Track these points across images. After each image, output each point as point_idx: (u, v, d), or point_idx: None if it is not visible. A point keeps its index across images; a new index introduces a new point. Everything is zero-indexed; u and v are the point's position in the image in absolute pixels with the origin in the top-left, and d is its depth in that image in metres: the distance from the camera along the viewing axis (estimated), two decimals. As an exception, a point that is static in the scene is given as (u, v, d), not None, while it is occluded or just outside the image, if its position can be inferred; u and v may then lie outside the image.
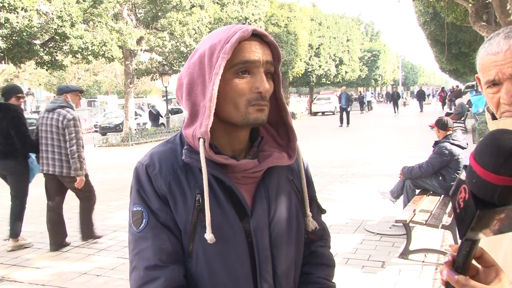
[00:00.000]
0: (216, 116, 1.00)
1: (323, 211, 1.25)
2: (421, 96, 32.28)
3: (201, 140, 0.97)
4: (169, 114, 20.85)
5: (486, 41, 1.03)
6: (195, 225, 1.00)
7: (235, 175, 1.03)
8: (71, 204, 7.29)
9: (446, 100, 32.91)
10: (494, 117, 1.06)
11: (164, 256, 1.00)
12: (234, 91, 0.98)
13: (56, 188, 4.93)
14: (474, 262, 0.75)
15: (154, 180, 1.02)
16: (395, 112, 30.14)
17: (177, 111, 24.27)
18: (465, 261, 0.73)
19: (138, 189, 1.04)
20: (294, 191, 1.13)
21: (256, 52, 0.98)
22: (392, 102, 32.34)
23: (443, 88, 39.10)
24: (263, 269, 1.04)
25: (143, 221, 1.01)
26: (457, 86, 37.90)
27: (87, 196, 5.05)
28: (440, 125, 5.04)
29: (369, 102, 37.42)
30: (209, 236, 0.96)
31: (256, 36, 1.00)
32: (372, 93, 41.03)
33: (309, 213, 1.13)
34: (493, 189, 0.65)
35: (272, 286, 1.06)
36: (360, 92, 38.25)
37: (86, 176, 4.91)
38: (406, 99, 45.67)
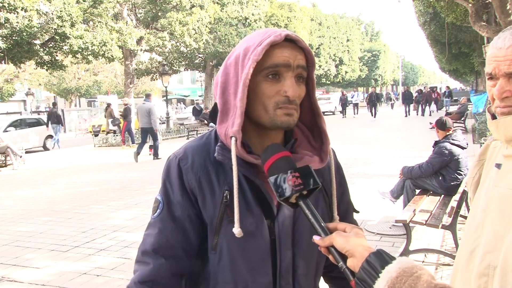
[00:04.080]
0: (248, 117, 1.05)
1: (356, 211, 1.29)
2: (407, 98, 28.04)
3: (233, 139, 1.01)
4: (169, 115, 20.88)
5: (499, 34, 1.03)
6: (221, 220, 1.05)
7: (264, 175, 1.05)
8: (72, 204, 7.30)
9: (426, 102, 27.94)
10: (494, 117, 1.06)
11: (159, 248, 1.07)
12: (263, 93, 1.02)
13: None
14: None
15: (185, 173, 1.07)
16: (373, 116, 26.41)
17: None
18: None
19: (165, 180, 1.10)
20: (322, 194, 1.15)
21: (287, 57, 1.00)
22: (369, 105, 27.50)
23: (433, 88, 33.63)
24: (283, 267, 1.07)
25: (157, 211, 1.09)
26: (434, 88, 32.55)
27: None
28: (439, 125, 5.04)
29: (355, 104, 31.96)
30: (237, 230, 1.00)
31: (291, 41, 1.02)
32: (358, 94, 35.93)
33: (336, 217, 1.15)
34: None
35: (291, 284, 1.09)
36: (342, 92, 32.17)
37: None
38: (394, 100, 40.91)
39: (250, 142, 1.07)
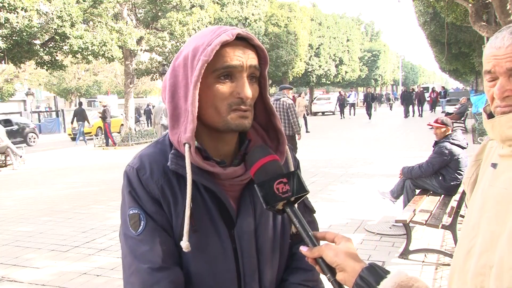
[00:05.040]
0: (200, 121, 1.00)
1: (313, 211, 1.22)
2: (406, 99, 26.37)
3: (187, 146, 0.96)
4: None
5: (495, 34, 1.03)
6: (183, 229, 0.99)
7: (222, 182, 1.02)
8: (72, 204, 7.30)
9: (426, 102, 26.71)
10: (489, 117, 1.06)
11: (166, 258, 0.98)
12: (215, 95, 0.97)
13: None
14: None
15: (145, 184, 1.00)
16: (369, 118, 24.99)
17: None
18: None
19: (130, 191, 1.01)
20: None
21: (239, 57, 0.96)
22: (366, 106, 25.64)
23: (433, 88, 32.46)
24: (248, 276, 1.04)
25: (141, 223, 0.98)
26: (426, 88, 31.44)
27: (295, 144, 7.70)
28: (441, 123, 5.05)
29: (352, 104, 30.62)
30: (184, 244, 0.94)
31: (242, 39, 0.98)
32: (355, 94, 34.17)
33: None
34: None
35: None
36: (340, 93, 31.02)
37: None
38: (393, 101, 39.90)
39: (204, 147, 1.02)
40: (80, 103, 20.49)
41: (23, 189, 9.04)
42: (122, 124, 20.09)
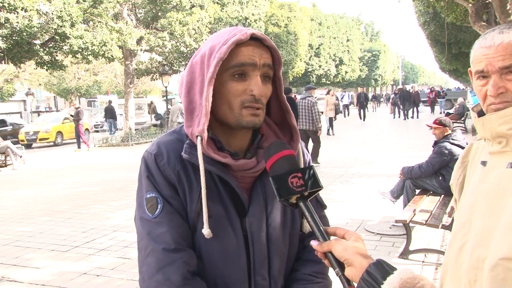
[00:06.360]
0: (213, 116, 1.05)
1: (324, 206, 1.26)
2: (405, 99, 24.70)
3: (199, 138, 1.00)
4: (168, 115, 20.87)
5: (482, 36, 1.06)
6: (198, 215, 1.04)
7: (234, 173, 1.07)
8: (72, 204, 7.30)
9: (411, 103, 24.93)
10: (479, 116, 1.08)
11: (181, 240, 1.02)
12: (229, 92, 1.01)
13: (305, 138, 9.31)
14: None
15: (163, 169, 1.05)
16: (362, 119, 23.72)
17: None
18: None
19: (148, 176, 1.06)
20: None
21: (253, 56, 1.00)
22: (358, 107, 24.44)
23: (431, 88, 31.53)
24: (257, 263, 1.08)
25: (159, 207, 1.04)
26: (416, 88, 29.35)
27: (317, 138, 9.46)
28: (438, 123, 5.05)
29: (346, 106, 28.94)
30: (206, 231, 0.99)
31: (257, 40, 1.02)
32: (350, 95, 32.54)
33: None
34: None
35: (266, 279, 1.10)
36: (333, 93, 30.91)
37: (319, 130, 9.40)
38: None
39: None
40: (110, 101, 21.19)
41: (23, 189, 9.04)
42: (87, 129, 19.40)
